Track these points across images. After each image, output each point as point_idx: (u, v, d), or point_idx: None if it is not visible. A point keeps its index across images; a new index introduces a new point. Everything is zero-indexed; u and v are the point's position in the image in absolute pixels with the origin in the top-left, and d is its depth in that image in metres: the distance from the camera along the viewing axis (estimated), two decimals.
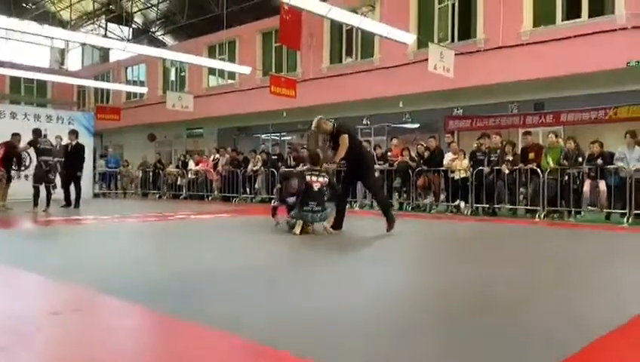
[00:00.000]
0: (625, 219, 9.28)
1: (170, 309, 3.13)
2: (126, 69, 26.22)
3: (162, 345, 2.61)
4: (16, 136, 11.27)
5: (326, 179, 7.23)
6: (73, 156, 11.89)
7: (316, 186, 7.05)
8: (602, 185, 9.84)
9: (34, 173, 11.19)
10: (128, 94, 25.49)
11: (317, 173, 7.14)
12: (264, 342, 2.49)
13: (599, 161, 9.78)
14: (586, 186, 10.07)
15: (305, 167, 7.50)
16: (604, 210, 9.89)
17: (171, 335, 2.73)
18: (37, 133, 11.29)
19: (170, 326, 2.90)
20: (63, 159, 11.62)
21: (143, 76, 25.14)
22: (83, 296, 3.60)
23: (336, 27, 17.42)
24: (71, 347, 2.51)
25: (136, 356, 2.43)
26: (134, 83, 25.41)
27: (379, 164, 12.01)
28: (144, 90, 22.56)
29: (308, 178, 7.09)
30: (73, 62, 30.03)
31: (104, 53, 28.14)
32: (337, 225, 7.30)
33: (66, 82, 23.80)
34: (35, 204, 10.60)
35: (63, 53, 30.55)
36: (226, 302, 3.36)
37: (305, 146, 15.98)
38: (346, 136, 7.17)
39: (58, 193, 11.72)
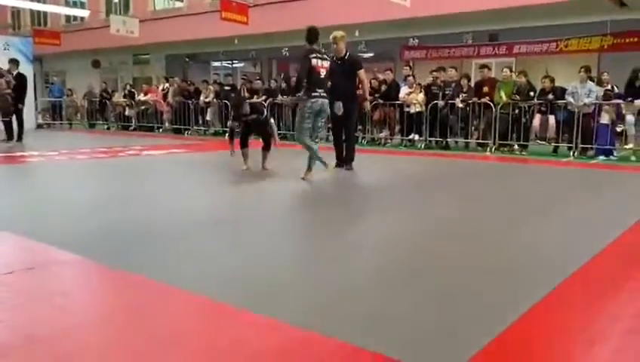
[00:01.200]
0: (571, 153, 9.64)
1: (125, 264, 3.06)
2: None
3: (114, 299, 2.56)
4: None
5: (329, 64, 6.30)
6: (15, 87, 11.20)
7: (323, 72, 6.17)
8: (552, 119, 10.10)
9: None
10: (68, 17, 23.81)
11: (321, 56, 6.22)
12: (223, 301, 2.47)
13: (550, 96, 9.98)
14: (536, 120, 10.33)
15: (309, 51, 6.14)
16: (553, 144, 10.21)
17: (125, 290, 2.68)
18: None
19: (124, 281, 2.84)
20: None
21: None
22: (35, 251, 3.47)
23: None
24: (21, 307, 2.44)
25: (87, 312, 2.37)
26: (74, 4, 23.72)
27: None
28: (85, 13, 21.13)
29: (314, 61, 6.07)
30: None
31: None
32: (342, 160, 7.35)
33: None
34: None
35: None
36: (188, 258, 3.31)
37: (258, 78, 15.54)
38: (363, 71, 7.25)
39: None
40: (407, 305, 2.49)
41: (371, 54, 16.64)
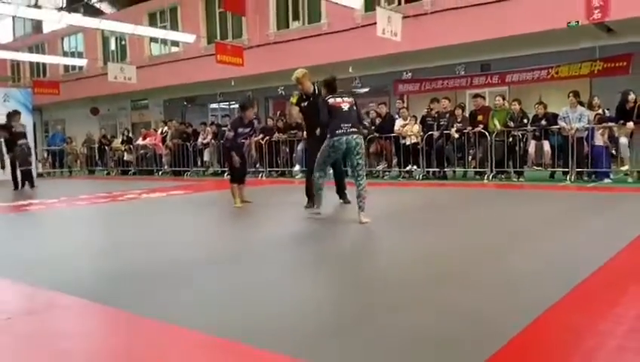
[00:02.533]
0: (567, 177, 9.69)
1: (130, 306, 3.06)
2: (62, 39, 24.84)
3: (119, 345, 2.56)
4: None
5: (353, 100, 5.97)
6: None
7: (345, 106, 5.80)
8: (546, 145, 10.19)
9: (18, 156, 11.13)
10: (66, 67, 24.27)
11: (338, 95, 5.92)
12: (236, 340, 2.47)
13: (543, 122, 10.10)
14: (531, 147, 10.42)
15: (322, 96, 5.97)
16: (549, 169, 10.27)
17: (132, 335, 2.68)
18: (13, 115, 11.38)
19: (131, 323, 2.84)
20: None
21: (81, 47, 23.94)
22: (36, 296, 3.47)
23: None
24: (25, 354, 2.43)
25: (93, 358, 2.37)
26: (72, 54, 24.21)
27: None
28: (83, 62, 21.55)
29: (331, 100, 5.81)
30: (3, 33, 28.22)
31: (37, 23, 26.51)
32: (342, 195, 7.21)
33: None
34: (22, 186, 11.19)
35: None
36: (189, 297, 3.31)
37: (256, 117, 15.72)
38: None
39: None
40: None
41: (366, 89, 16.88)
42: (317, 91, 6.69)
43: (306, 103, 6.80)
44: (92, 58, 21.73)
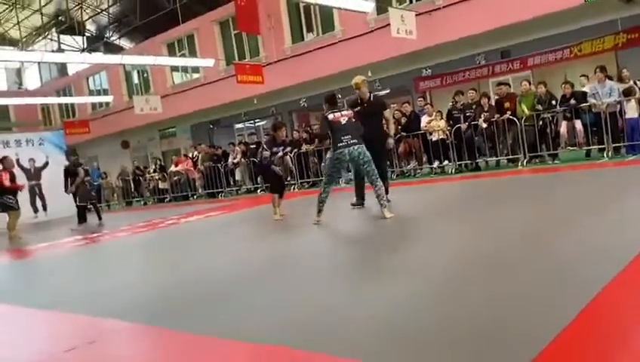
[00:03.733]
0: (605, 154, 9.48)
1: (190, 327, 3.14)
2: (87, 79, 25.63)
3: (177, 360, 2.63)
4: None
5: (351, 112, 6.40)
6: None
7: (343, 120, 6.18)
8: (578, 124, 10.01)
9: (78, 192, 11.62)
10: (94, 104, 25.00)
11: (337, 110, 6.35)
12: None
13: (572, 102, 9.92)
14: (563, 127, 10.24)
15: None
16: (584, 148, 10.07)
17: (190, 353, 2.75)
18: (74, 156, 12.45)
19: (189, 343, 2.91)
20: None
21: (106, 84, 24.64)
22: (94, 326, 3.59)
23: (293, 5, 17.24)
24: None
25: None
26: (98, 92, 24.92)
27: None
28: (109, 98, 22.16)
29: (331, 116, 6.21)
30: (31, 80, 29.27)
31: (62, 66, 27.44)
32: (361, 199, 7.34)
33: (28, 103, 23.24)
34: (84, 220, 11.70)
35: (19, 72, 29.75)
36: (240, 312, 3.38)
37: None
38: (390, 111, 7.15)
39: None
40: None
41: (387, 91, 16.86)
42: (372, 98, 7.29)
43: (358, 108, 7.07)
44: (117, 94, 22.33)
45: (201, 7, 19.70)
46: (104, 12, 24.55)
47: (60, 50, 22.69)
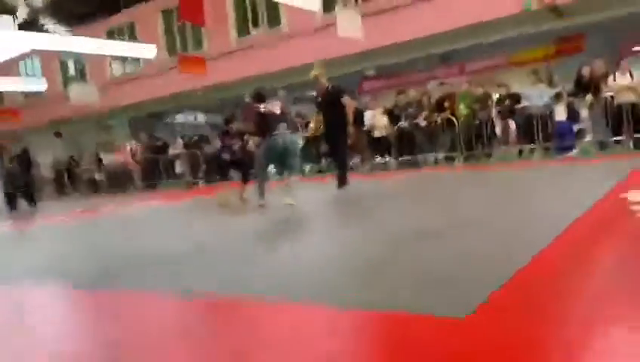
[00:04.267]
0: (534, 153, 10.03)
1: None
2: (18, 64, 24.39)
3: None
4: None
5: (281, 103, 6.73)
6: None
7: (277, 110, 6.48)
8: (512, 124, 10.52)
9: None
10: (26, 93, 23.80)
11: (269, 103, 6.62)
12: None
13: (507, 102, 10.43)
14: (498, 128, 10.74)
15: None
16: (517, 146, 10.60)
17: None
18: None
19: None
20: None
21: (39, 72, 23.52)
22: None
23: None
24: None
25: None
26: (28, 76, 23.73)
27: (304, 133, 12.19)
28: (42, 86, 21.14)
29: (262, 108, 6.47)
30: None
31: None
32: (341, 182, 7.43)
33: None
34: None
35: None
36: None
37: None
38: (348, 97, 7.48)
39: None
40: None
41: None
42: (329, 88, 7.61)
43: (320, 99, 7.50)
44: (51, 82, 21.36)
45: None
46: None
47: None
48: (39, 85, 21.19)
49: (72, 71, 22.74)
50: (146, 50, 16.69)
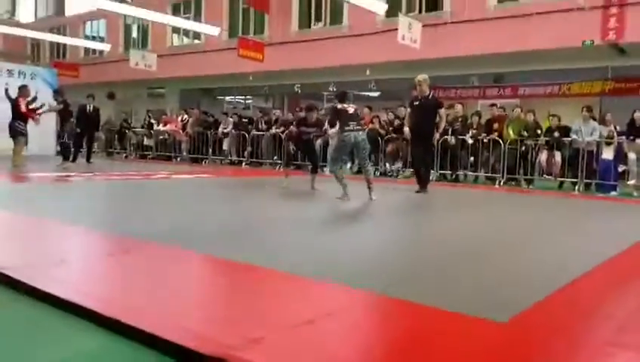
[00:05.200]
0: (576, 188, 10.18)
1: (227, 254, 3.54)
2: (84, 23, 25.32)
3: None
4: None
5: (357, 106, 7.55)
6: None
7: (350, 110, 7.01)
8: (557, 155, 10.68)
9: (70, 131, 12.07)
10: (86, 50, 24.72)
11: (347, 104, 7.14)
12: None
13: (556, 134, 10.59)
14: (543, 156, 10.90)
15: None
16: (558, 179, 10.76)
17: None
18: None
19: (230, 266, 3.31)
20: None
21: (103, 32, 24.40)
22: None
23: None
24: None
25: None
26: (93, 39, 24.67)
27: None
28: (106, 46, 21.96)
29: (339, 106, 7.04)
30: (25, 12, 28.63)
31: (59, 6, 26.99)
32: (423, 186, 8.22)
33: (20, 34, 22.79)
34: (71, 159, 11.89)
35: (13, 2, 29.09)
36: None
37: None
38: (444, 110, 8.25)
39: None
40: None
41: (379, 93, 17.39)
42: (430, 96, 8.28)
43: (417, 103, 8.18)
44: (114, 44, 22.17)
45: None
46: None
47: None
48: (103, 45, 22.02)
49: (134, 35, 23.49)
50: (209, 29, 17.27)
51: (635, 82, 12.89)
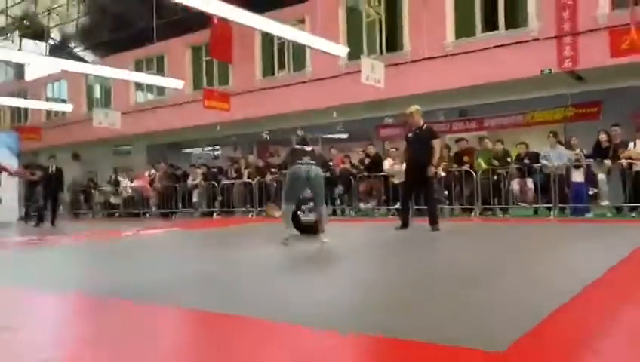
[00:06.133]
0: (551, 213, 10.19)
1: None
2: (45, 85, 25.05)
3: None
4: None
5: (316, 148, 7.19)
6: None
7: (307, 148, 6.59)
8: (530, 182, 10.73)
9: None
10: (49, 112, 24.36)
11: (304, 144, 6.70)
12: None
13: (526, 161, 10.67)
14: (515, 184, 10.94)
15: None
16: (533, 206, 10.78)
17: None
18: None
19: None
20: None
21: (65, 93, 24.15)
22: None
23: (267, 40, 17.72)
24: None
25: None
26: (55, 100, 24.38)
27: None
28: (68, 107, 21.67)
29: (297, 146, 6.60)
30: None
31: (19, 71, 26.74)
32: (404, 224, 7.87)
33: None
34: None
35: None
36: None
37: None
38: (439, 141, 7.91)
39: None
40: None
41: (347, 135, 17.47)
42: (424, 126, 8.05)
43: (410, 135, 7.94)
44: (77, 105, 21.90)
45: (174, 31, 19.82)
46: (73, 21, 24.27)
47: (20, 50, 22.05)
48: (65, 106, 21.73)
49: (97, 95, 23.30)
50: (173, 83, 17.19)
51: (594, 107, 13.23)
